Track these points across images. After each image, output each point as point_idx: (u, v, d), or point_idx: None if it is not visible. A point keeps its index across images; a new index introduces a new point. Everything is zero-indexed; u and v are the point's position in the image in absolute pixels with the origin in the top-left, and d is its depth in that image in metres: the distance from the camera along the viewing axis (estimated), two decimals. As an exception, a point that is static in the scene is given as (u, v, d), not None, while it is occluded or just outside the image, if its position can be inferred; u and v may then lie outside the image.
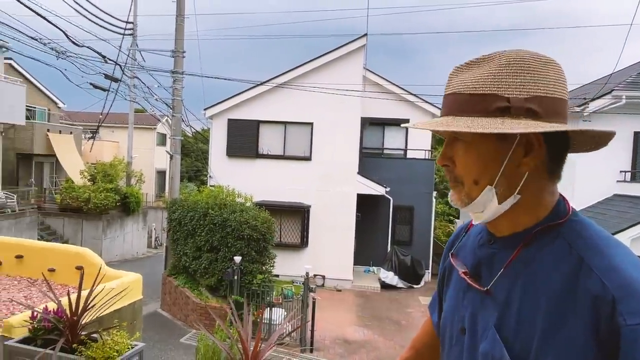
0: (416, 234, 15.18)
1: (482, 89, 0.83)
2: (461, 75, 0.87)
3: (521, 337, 0.81)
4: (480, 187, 0.87)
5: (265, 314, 9.06)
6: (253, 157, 14.23)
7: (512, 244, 0.88)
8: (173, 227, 11.10)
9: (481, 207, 0.88)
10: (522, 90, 0.82)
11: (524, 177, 0.85)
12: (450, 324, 1.00)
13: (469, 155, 0.87)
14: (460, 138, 0.87)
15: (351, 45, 13.77)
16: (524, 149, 0.84)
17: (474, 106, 0.83)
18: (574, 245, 0.82)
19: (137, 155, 22.27)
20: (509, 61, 0.83)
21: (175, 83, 12.83)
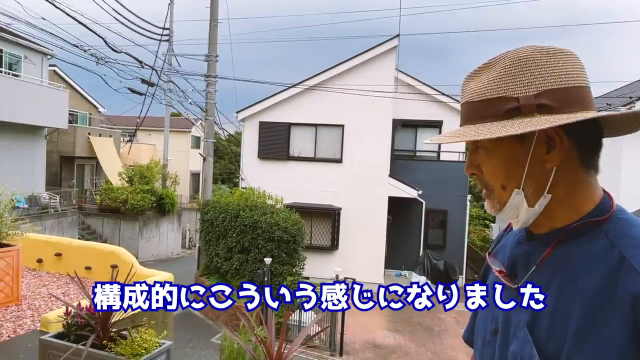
0: (450, 238, 14.83)
1: (490, 94, 0.83)
2: (471, 83, 0.88)
3: (554, 336, 0.80)
4: (508, 191, 0.86)
5: (294, 315, 9.06)
6: (284, 160, 14.30)
7: (548, 241, 0.86)
8: (205, 228, 11.29)
9: (514, 212, 0.87)
10: (530, 87, 0.81)
11: (551, 174, 0.83)
12: (484, 325, 0.99)
13: (491, 161, 0.87)
14: (480, 145, 0.88)
15: (383, 46, 13.64)
16: (546, 145, 0.82)
17: (485, 112, 0.84)
18: (617, 243, 0.79)
19: (172, 157, 22.85)
20: (513, 61, 0.83)
21: (209, 87, 13.08)
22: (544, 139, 0.82)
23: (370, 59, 13.73)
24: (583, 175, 0.84)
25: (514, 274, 0.92)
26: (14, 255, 4.92)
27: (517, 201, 0.85)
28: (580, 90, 0.81)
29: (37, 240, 6.29)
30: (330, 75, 13.92)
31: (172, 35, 19.02)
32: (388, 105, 13.39)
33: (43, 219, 14.59)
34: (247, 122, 14.82)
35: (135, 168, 19.85)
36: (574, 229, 0.84)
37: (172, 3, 19.60)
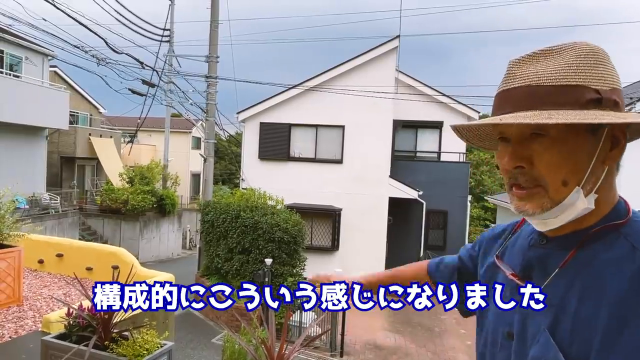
0: (450, 238, 14.83)
1: (568, 80, 0.78)
2: (529, 67, 0.82)
3: (578, 340, 0.78)
4: (569, 188, 0.80)
5: (295, 316, 9.07)
6: (285, 160, 14.31)
7: (568, 244, 0.84)
8: (206, 229, 11.30)
9: (564, 210, 0.81)
10: (604, 82, 0.79)
11: (604, 173, 0.81)
12: (494, 329, 0.95)
13: (556, 153, 0.79)
14: (543, 134, 0.79)
15: (383, 47, 13.65)
16: (610, 142, 0.81)
17: (561, 98, 0.78)
18: (638, 246, 0.78)
19: (172, 158, 22.86)
20: (586, 52, 0.80)
21: (209, 87, 13.10)
22: (610, 136, 0.80)
23: (370, 60, 13.74)
24: (614, 176, 0.84)
25: (528, 278, 0.88)
26: (15, 257, 4.93)
27: (574, 199, 0.80)
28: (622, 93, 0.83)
29: (38, 241, 6.30)
30: (331, 76, 13.93)
31: (172, 36, 19.04)
32: (388, 106, 13.40)
33: (44, 219, 14.60)
34: (248, 123, 14.83)
35: (135, 169, 19.87)
36: (595, 232, 0.82)
37: (172, 4, 19.62)
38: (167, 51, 18.24)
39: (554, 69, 0.79)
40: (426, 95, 15.30)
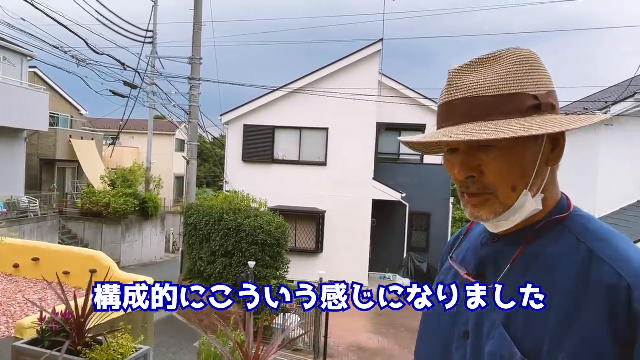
0: (433, 240, 14.97)
1: (508, 89, 0.79)
2: (468, 76, 0.83)
3: (531, 334, 0.79)
4: (517, 193, 0.82)
5: (278, 319, 9.04)
6: (268, 163, 14.28)
7: (517, 240, 0.86)
8: (189, 232, 11.19)
9: (515, 213, 0.84)
10: (540, 86, 0.82)
11: (547, 174, 0.84)
12: (449, 330, 0.95)
13: (504, 162, 0.81)
14: (491, 145, 0.81)
15: (367, 50, 13.75)
16: (551, 145, 0.84)
17: (503, 107, 0.79)
18: (582, 238, 0.81)
19: (156, 161, 22.62)
20: (520, 59, 0.82)
21: (193, 89, 13.01)
22: (551, 138, 0.83)
23: (354, 63, 13.82)
24: (555, 174, 0.88)
25: (482, 276, 0.90)
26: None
27: (524, 202, 0.82)
28: None
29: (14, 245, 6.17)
30: (315, 79, 13.97)
31: (155, 37, 18.87)
32: (372, 109, 13.49)
33: (22, 223, 14.29)
34: (232, 125, 14.77)
35: (118, 171, 19.60)
36: (540, 227, 0.85)
37: (155, 5, 19.46)
38: (150, 52, 18.07)
39: (493, 78, 0.80)
40: (409, 98, 15.44)
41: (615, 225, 8.81)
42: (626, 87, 9.93)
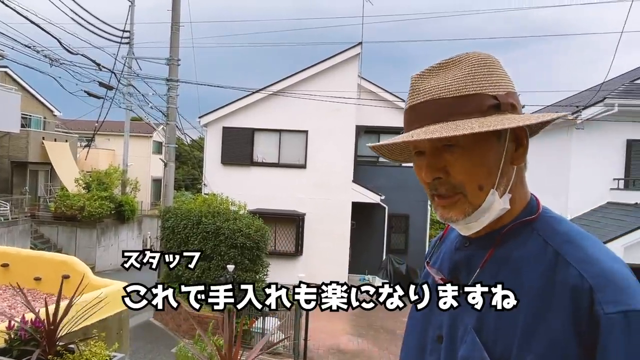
0: (411, 242, 15.12)
1: (467, 90, 0.81)
2: (429, 81, 0.84)
3: (501, 338, 0.80)
4: (484, 192, 0.83)
5: (258, 323, 8.97)
6: (248, 165, 14.20)
7: (487, 243, 0.87)
8: (166, 236, 11.04)
9: (484, 214, 0.84)
10: (500, 87, 0.83)
11: (514, 173, 0.85)
12: (424, 333, 0.96)
13: (468, 161, 0.82)
14: (454, 144, 0.82)
15: (346, 53, 13.83)
16: (514, 144, 0.84)
17: (463, 108, 0.81)
18: (550, 241, 0.81)
19: (132, 163, 22.22)
20: (479, 61, 0.84)
21: (170, 91, 12.84)
22: (513, 138, 0.84)
23: (333, 66, 13.88)
24: (523, 174, 0.88)
25: (455, 280, 0.90)
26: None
27: (492, 201, 0.83)
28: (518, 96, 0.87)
29: (-18, 251, 5.96)
30: (295, 81, 13.96)
31: (132, 37, 18.56)
32: (351, 112, 13.56)
33: (-9, 227, 13.83)
34: (210, 127, 14.64)
35: (93, 174, 19.18)
36: (509, 230, 0.85)
37: (132, 5, 19.14)
38: (127, 53, 17.76)
39: (453, 81, 0.82)
40: (388, 101, 15.58)
41: (587, 225, 9.08)
42: (596, 92, 10.25)
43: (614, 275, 0.75)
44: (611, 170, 10.25)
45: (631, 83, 10.72)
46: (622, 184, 10.31)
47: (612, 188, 10.29)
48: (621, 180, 10.30)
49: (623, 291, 0.74)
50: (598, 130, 10.05)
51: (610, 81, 11.04)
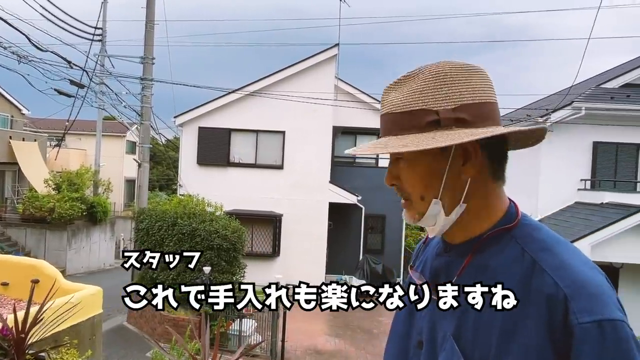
0: (388, 242, 15.28)
1: (411, 106, 0.84)
2: (392, 94, 0.88)
3: (479, 345, 0.81)
4: (426, 201, 0.87)
5: (235, 325, 8.91)
6: (224, 166, 14.07)
7: (465, 251, 0.88)
8: (140, 238, 10.83)
9: (432, 220, 0.88)
10: (448, 101, 0.83)
11: (466, 185, 0.85)
12: (407, 338, 0.97)
13: (411, 173, 0.87)
14: (401, 157, 0.88)
15: (323, 54, 13.87)
16: (462, 157, 0.85)
17: (407, 124, 0.84)
18: (527, 248, 0.82)
19: (105, 163, 21.71)
20: (432, 75, 0.85)
21: (144, 90, 12.61)
22: (460, 151, 0.84)
23: (310, 67, 13.90)
24: (493, 185, 0.88)
25: (436, 286, 0.90)
26: None
27: (435, 211, 0.86)
28: (491, 106, 0.85)
29: (-55, 256, 5.72)
30: (272, 82, 13.92)
31: (105, 35, 18.14)
32: (328, 113, 13.61)
33: (-45, 230, 13.28)
34: (186, 127, 14.45)
35: (63, 174, 18.61)
36: (487, 237, 0.86)
37: (105, 2, 18.71)
38: (99, 51, 17.34)
39: (402, 97, 0.85)
40: (364, 102, 15.69)
41: (556, 225, 9.38)
42: (564, 96, 10.60)
43: (588, 284, 0.76)
44: (579, 171, 10.61)
45: (597, 87, 11.11)
46: (589, 184, 10.69)
47: (580, 189, 10.66)
48: (588, 181, 10.68)
49: (596, 300, 0.74)
50: (566, 132, 10.38)
51: (578, 85, 11.42)
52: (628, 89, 10.81)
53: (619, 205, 9.34)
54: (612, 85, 11.08)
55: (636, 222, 8.59)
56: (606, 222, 8.62)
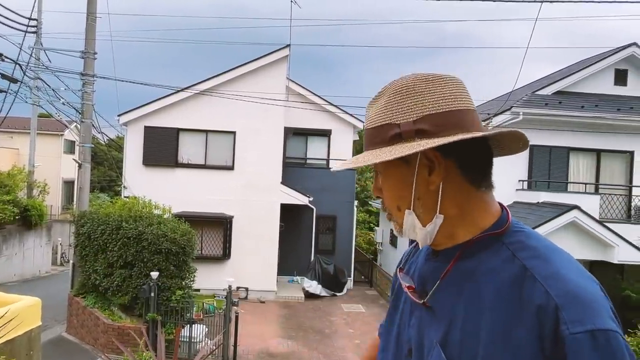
0: (339, 242, 15.45)
1: (379, 121, 0.88)
2: (370, 110, 0.92)
3: (466, 352, 0.80)
4: (402, 212, 0.89)
5: (185, 331, 8.65)
6: (172, 167, 13.64)
7: (451, 256, 0.88)
8: (81, 242, 10.25)
9: (412, 231, 0.90)
10: (410, 114, 0.84)
11: (438, 195, 0.85)
12: (397, 346, 0.97)
13: (386, 185, 0.92)
14: (377, 170, 0.93)
15: (274, 54, 13.79)
16: (427, 168, 0.85)
17: (376, 138, 0.88)
18: (518, 255, 0.81)
19: (40, 164, 20.35)
20: (395, 90, 0.87)
21: (85, 86, 11.94)
22: (425, 162, 0.85)
23: (262, 67, 13.78)
24: (474, 193, 0.87)
25: (424, 291, 0.91)
26: None
27: (410, 221, 0.87)
28: (458, 114, 0.83)
29: None
30: (222, 81, 13.66)
31: (40, 26, 17.00)
32: (280, 113, 13.56)
33: None
34: (131, 126, 13.86)
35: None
36: (474, 243, 0.86)
37: (40, -9, 17.51)
38: (34, 43, 16.21)
39: (374, 113, 0.90)
40: (315, 104, 15.79)
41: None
42: (504, 101, 11.21)
43: (580, 293, 0.74)
44: (517, 173, 11.27)
45: (533, 94, 11.85)
46: (526, 185, 11.39)
47: (518, 189, 11.33)
48: (525, 181, 11.37)
49: (588, 309, 0.73)
50: (506, 136, 10.96)
51: (516, 91, 12.13)
52: (560, 96, 11.61)
53: (552, 205, 10.02)
54: (546, 92, 11.86)
55: (568, 219, 9.25)
56: (542, 220, 9.22)
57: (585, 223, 9.33)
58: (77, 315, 10.11)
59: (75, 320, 10.13)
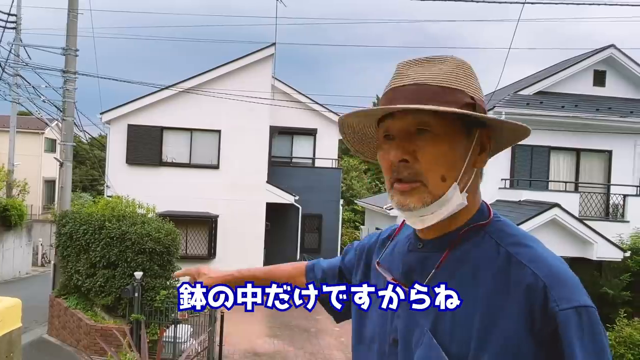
0: (324, 241, 15.50)
1: (451, 84, 0.85)
2: (416, 68, 0.87)
3: (457, 339, 0.82)
4: (447, 184, 0.84)
5: (169, 331, 8.59)
6: (156, 166, 13.50)
7: (442, 245, 0.89)
8: (63, 243, 10.10)
9: (442, 206, 0.85)
10: (479, 92, 0.89)
11: (473, 174, 0.88)
12: (380, 338, 0.96)
13: (437, 149, 0.84)
14: (427, 130, 0.84)
15: (260, 53, 13.75)
16: (479, 147, 0.88)
17: (445, 97, 0.83)
18: (502, 242, 0.85)
19: (20, 162, 19.96)
20: (462, 64, 0.89)
21: (67, 84, 11.74)
22: (479, 141, 0.87)
23: (247, 65, 13.73)
24: (479, 182, 0.92)
25: (409, 282, 0.90)
26: None
27: (452, 195, 0.85)
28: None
29: None
30: (207, 79, 13.57)
31: (19, 22, 16.67)
32: (265, 112, 13.53)
33: None
34: (114, 125, 13.67)
35: (-30, 175, 16.86)
36: (464, 232, 0.88)
37: (19, -14, 17.16)
38: (13, 39, 15.88)
39: (439, 73, 0.86)
40: (301, 103, 15.80)
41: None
42: (488, 101, 11.38)
43: (562, 273, 0.80)
44: (500, 171, 11.44)
45: (515, 94, 12.04)
46: (508, 183, 11.57)
47: (501, 187, 11.51)
48: (508, 180, 11.56)
49: (572, 288, 0.80)
50: (489, 135, 11.13)
51: (498, 91, 12.32)
52: (541, 96, 11.83)
53: (534, 203, 10.21)
54: (528, 92, 12.06)
55: (549, 217, 9.45)
56: (524, 218, 9.39)
57: (565, 221, 9.53)
58: (58, 316, 9.95)
59: (57, 322, 9.97)
